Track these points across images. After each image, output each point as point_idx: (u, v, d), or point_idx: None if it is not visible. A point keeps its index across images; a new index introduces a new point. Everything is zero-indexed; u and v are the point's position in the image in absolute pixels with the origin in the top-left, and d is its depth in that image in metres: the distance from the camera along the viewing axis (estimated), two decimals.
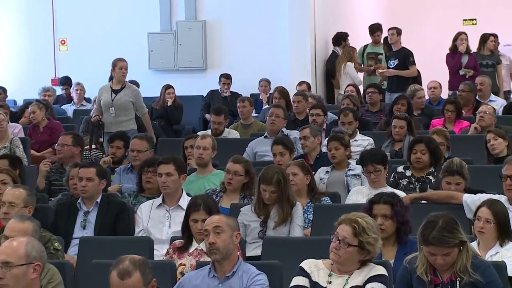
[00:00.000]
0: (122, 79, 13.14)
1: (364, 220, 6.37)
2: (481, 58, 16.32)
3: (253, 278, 6.56)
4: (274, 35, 18.24)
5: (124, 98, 12.98)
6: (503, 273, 6.49)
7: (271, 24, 18.28)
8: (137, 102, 13.10)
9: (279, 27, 18.20)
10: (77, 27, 19.27)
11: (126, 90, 13.09)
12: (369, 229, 6.32)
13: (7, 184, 8.56)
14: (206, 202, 7.61)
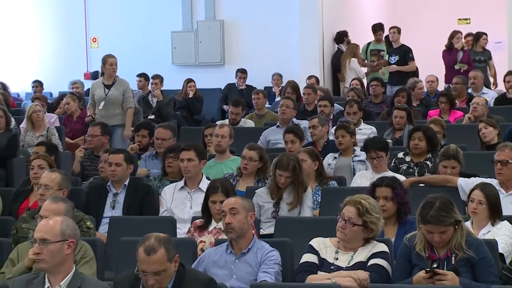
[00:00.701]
0: (112, 75, 12.87)
1: (367, 202, 6.41)
2: (474, 54, 16.41)
3: (267, 254, 6.58)
4: (285, 33, 18.29)
5: (116, 92, 12.78)
6: (494, 250, 6.47)
7: (283, 23, 18.32)
8: (125, 94, 12.84)
9: (290, 26, 18.24)
10: (107, 26, 19.33)
11: (117, 85, 12.85)
12: (371, 209, 6.36)
13: (44, 169, 8.57)
14: (224, 185, 7.62)
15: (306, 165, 8.74)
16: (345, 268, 6.30)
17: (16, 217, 8.22)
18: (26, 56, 19.66)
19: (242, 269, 6.56)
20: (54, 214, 6.47)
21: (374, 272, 6.22)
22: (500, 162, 7.98)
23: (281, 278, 6.52)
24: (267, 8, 18.43)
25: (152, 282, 5.57)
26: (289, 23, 18.27)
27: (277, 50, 18.22)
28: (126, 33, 19.00)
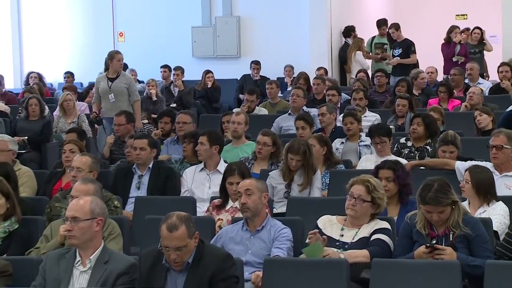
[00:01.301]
0: (119, 70, 12.36)
1: (373, 180, 6.52)
2: (469, 47, 16.39)
3: (279, 231, 6.60)
4: (296, 28, 18.31)
5: (120, 84, 12.17)
6: (489, 228, 6.46)
7: (294, 19, 18.36)
8: (130, 88, 12.28)
9: (301, 22, 18.26)
10: (133, 21, 19.38)
11: (121, 78, 12.29)
12: (378, 186, 6.47)
13: (75, 153, 8.59)
14: (240, 168, 7.63)
15: (315, 150, 8.74)
16: (349, 244, 6.32)
17: (50, 196, 8.25)
18: (59, 50, 19.72)
19: (256, 245, 6.58)
20: (84, 194, 6.50)
21: (376, 245, 6.25)
22: (495, 147, 7.95)
23: (292, 253, 6.54)
24: (279, 4, 18.49)
25: (174, 257, 5.58)
26: (300, 19, 18.31)
27: (288, 43, 18.26)
28: (150, 28, 19.06)
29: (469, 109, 11.81)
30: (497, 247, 6.29)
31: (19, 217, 7.11)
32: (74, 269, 5.82)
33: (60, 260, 5.86)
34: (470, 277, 5.93)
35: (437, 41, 16.97)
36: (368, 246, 6.27)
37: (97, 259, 5.82)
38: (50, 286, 5.67)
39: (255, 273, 6.29)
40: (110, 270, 5.75)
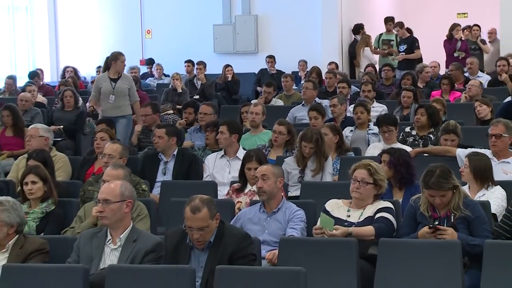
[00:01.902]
0: (121, 70, 11.60)
1: (374, 164, 6.54)
2: (470, 43, 16.36)
3: (294, 213, 6.62)
4: (310, 26, 18.30)
5: (123, 85, 11.38)
6: (488, 210, 6.47)
7: (307, 17, 18.35)
8: (131, 89, 11.49)
9: (314, 20, 18.26)
10: (159, 20, 19.40)
11: (123, 79, 11.48)
12: (379, 169, 6.51)
13: (105, 141, 8.61)
14: (257, 155, 7.65)
15: (328, 138, 8.74)
16: (356, 223, 6.33)
17: (83, 181, 8.28)
18: (92, 46, 19.75)
19: (272, 225, 6.60)
20: (115, 178, 6.52)
21: (381, 222, 6.27)
22: (494, 135, 7.93)
23: (305, 233, 6.54)
24: (294, 4, 18.48)
25: (197, 236, 5.60)
26: (312, 17, 18.31)
27: (302, 40, 18.24)
28: (175, 26, 19.07)
29: (468, 100, 11.81)
30: (495, 228, 6.28)
31: (55, 199, 7.15)
32: (105, 247, 5.86)
33: (93, 238, 5.90)
34: (470, 255, 5.92)
35: (440, 38, 16.92)
36: (373, 223, 6.28)
37: (126, 238, 5.86)
38: (83, 263, 5.70)
39: (270, 252, 6.31)
40: (138, 248, 5.78)
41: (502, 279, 5.57)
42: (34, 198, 7.07)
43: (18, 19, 19.24)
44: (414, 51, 16.48)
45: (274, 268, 5.81)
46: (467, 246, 5.88)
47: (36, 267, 5.72)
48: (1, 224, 6.02)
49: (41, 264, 5.87)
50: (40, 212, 7.03)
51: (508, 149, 8.00)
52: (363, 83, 12.64)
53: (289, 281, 5.01)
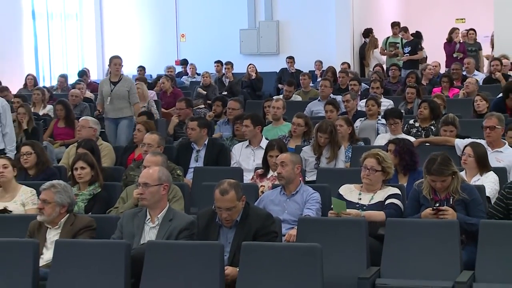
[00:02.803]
0: (117, 73, 10.85)
1: (382, 153, 6.53)
2: (468, 46, 16.29)
3: (310, 195, 6.61)
4: (325, 30, 18.36)
5: (122, 88, 10.69)
6: (483, 193, 6.44)
7: (323, 22, 18.41)
8: (131, 91, 10.78)
9: (328, 25, 18.32)
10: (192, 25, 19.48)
11: (123, 82, 10.80)
12: (386, 158, 6.48)
13: (142, 132, 8.65)
14: (278, 144, 7.64)
15: (342, 129, 8.75)
16: (367, 205, 6.32)
17: (125, 166, 8.31)
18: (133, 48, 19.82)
19: (292, 206, 6.59)
20: (153, 164, 6.53)
21: (391, 209, 6.24)
22: (488, 127, 7.89)
23: (320, 213, 6.54)
24: (311, 11, 18.52)
25: (225, 216, 5.60)
26: (327, 22, 18.36)
27: (318, 42, 18.26)
28: (206, 30, 19.12)
29: (466, 96, 11.80)
30: (489, 209, 6.24)
31: (101, 183, 7.18)
32: (145, 225, 5.87)
33: (134, 218, 5.91)
34: (467, 233, 5.89)
35: (440, 41, 16.85)
36: (384, 208, 6.25)
37: (163, 217, 5.86)
38: (126, 239, 5.71)
39: (288, 233, 6.30)
40: (174, 226, 5.78)
41: (495, 255, 5.54)
42: (82, 182, 7.10)
43: (69, 25, 19.35)
44: (417, 53, 16.47)
45: (293, 244, 5.80)
46: (464, 225, 5.85)
47: (84, 242, 5.76)
48: (54, 204, 6.05)
49: (88, 239, 5.90)
50: (88, 194, 7.06)
51: (500, 139, 7.97)
52: (372, 80, 12.63)
53: (306, 256, 5.00)
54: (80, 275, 5.36)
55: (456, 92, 12.57)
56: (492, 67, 13.70)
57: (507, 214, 6.10)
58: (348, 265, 5.58)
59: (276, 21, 19.00)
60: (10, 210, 6.76)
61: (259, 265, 5.08)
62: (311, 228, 5.90)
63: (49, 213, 6.03)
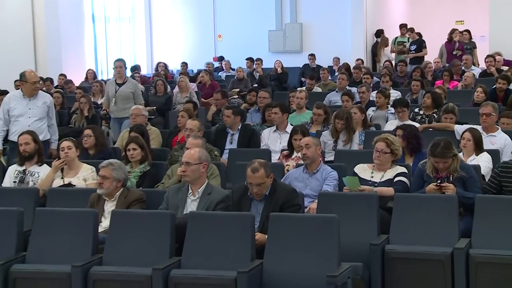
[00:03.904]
0: (119, 75, 10.11)
1: (391, 137, 6.50)
2: (465, 44, 16.16)
3: (329, 173, 6.58)
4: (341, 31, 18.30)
5: (126, 90, 9.99)
6: (478, 172, 6.40)
7: (340, 24, 18.35)
8: (135, 93, 10.06)
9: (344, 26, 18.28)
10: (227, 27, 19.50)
11: (128, 84, 10.08)
12: (394, 141, 6.45)
13: (185, 118, 8.66)
14: (301, 129, 7.61)
15: (357, 116, 8.68)
16: (378, 183, 6.29)
17: (170, 148, 8.33)
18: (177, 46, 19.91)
19: (313, 182, 6.56)
20: (194, 146, 6.54)
21: (399, 185, 6.22)
22: (485, 114, 7.85)
23: (337, 188, 6.50)
24: (329, 14, 18.47)
25: (255, 190, 5.60)
26: (344, 24, 18.30)
27: (336, 41, 18.20)
28: (239, 31, 19.11)
29: (464, 88, 11.78)
30: (484, 185, 6.19)
31: (150, 162, 7.21)
32: (187, 198, 5.88)
33: (178, 192, 5.93)
34: (465, 206, 5.84)
35: (442, 40, 16.69)
36: (393, 185, 6.23)
37: (203, 191, 5.87)
38: (171, 210, 5.73)
39: (309, 206, 6.28)
40: (212, 199, 5.80)
41: (489, 225, 5.50)
42: (134, 161, 7.13)
43: (123, 27, 19.45)
44: (422, 50, 16.45)
45: (314, 215, 5.78)
46: (462, 199, 5.80)
47: (136, 212, 5.79)
48: (112, 179, 6.10)
49: (139, 210, 5.93)
50: (139, 171, 7.09)
51: (494, 125, 7.90)
52: (382, 75, 12.55)
53: (325, 226, 4.99)
54: (133, 241, 5.39)
55: (456, 84, 12.53)
56: (487, 63, 13.61)
57: (499, 190, 6.06)
58: (361, 233, 5.55)
59: (299, 23, 18.95)
60: (74, 185, 6.83)
61: (285, 232, 5.08)
62: (329, 201, 5.89)
63: (107, 187, 6.08)
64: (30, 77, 8.08)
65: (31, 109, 8.08)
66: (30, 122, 8.01)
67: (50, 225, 5.57)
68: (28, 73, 8.13)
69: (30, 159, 7.09)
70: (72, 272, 5.16)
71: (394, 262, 5.36)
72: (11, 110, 8.07)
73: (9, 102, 8.12)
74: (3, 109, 8.11)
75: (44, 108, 8.15)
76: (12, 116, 8.07)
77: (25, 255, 5.49)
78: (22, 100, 8.09)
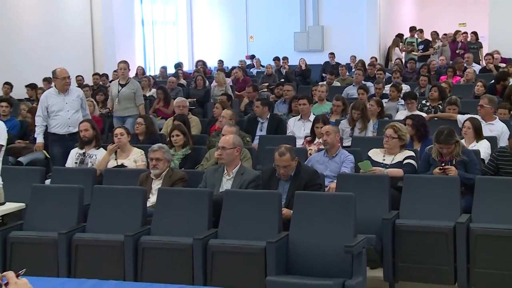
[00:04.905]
0: (122, 77, 9.37)
1: (398, 124, 6.50)
2: (470, 44, 15.98)
3: (346, 157, 6.54)
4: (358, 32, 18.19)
5: (128, 91, 9.22)
6: (478, 156, 6.34)
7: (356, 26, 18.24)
8: (137, 93, 9.30)
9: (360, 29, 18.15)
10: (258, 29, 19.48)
11: (130, 85, 9.29)
12: (401, 128, 6.41)
13: (219, 109, 8.68)
14: (322, 118, 7.57)
15: (373, 108, 8.61)
16: (389, 164, 6.25)
17: (209, 134, 8.34)
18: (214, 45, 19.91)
19: (332, 165, 6.52)
20: (229, 133, 6.55)
21: (408, 167, 6.18)
22: (479, 105, 7.81)
23: (354, 170, 6.46)
24: (347, 18, 18.35)
25: (282, 171, 5.59)
26: (360, 27, 18.19)
27: (353, 41, 18.10)
28: (268, 33, 19.10)
29: (466, 82, 11.63)
30: (483, 168, 6.13)
31: (191, 146, 7.23)
32: (223, 178, 5.89)
33: (215, 172, 5.94)
34: (466, 186, 5.78)
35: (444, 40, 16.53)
36: (403, 167, 6.18)
37: (236, 172, 5.88)
38: (208, 188, 5.75)
39: (329, 185, 6.25)
40: (244, 179, 5.80)
41: (487, 202, 5.44)
42: (177, 145, 7.16)
43: (168, 29, 19.51)
44: (429, 50, 16.28)
45: (333, 193, 5.76)
46: (464, 179, 5.75)
47: (179, 189, 5.80)
48: (164, 160, 6.15)
49: (182, 188, 5.95)
50: (181, 155, 7.12)
51: (492, 114, 7.80)
52: (393, 71, 12.49)
53: (343, 203, 4.97)
54: (176, 214, 5.42)
55: (458, 79, 12.41)
56: (486, 61, 13.47)
57: (496, 172, 6.01)
58: (375, 209, 5.52)
59: (321, 26, 18.84)
60: (126, 166, 6.88)
61: (308, 208, 5.06)
62: (346, 181, 5.86)
63: (161, 167, 6.12)
64: (61, 74, 7.94)
65: (68, 103, 7.95)
66: (69, 115, 7.92)
67: (106, 200, 5.62)
68: (58, 70, 7.99)
69: (89, 143, 7.16)
70: (124, 240, 5.21)
71: (403, 235, 5.34)
72: (50, 107, 7.92)
73: (46, 100, 7.94)
74: (42, 106, 7.94)
75: (78, 101, 8.03)
76: (51, 112, 7.91)
77: (85, 226, 5.56)
78: (58, 96, 7.95)
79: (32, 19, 14.22)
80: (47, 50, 14.28)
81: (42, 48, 14.22)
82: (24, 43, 13.86)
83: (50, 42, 14.52)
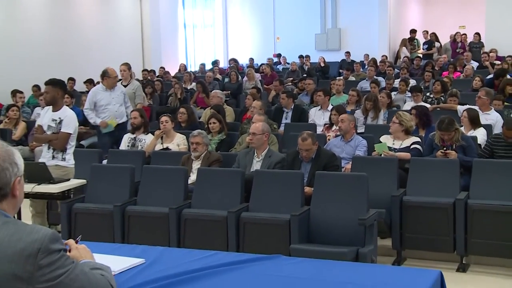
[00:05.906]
0: (123, 78, 8.82)
1: (401, 112, 6.46)
2: (473, 44, 15.70)
3: (360, 141, 6.51)
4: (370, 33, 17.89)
5: (129, 91, 8.57)
6: (475, 141, 6.26)
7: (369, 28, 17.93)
8: (137, 93, 8.85)
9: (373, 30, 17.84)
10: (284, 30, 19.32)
11: (131, 85, 8.79)
12: (404, 115, 6.35)
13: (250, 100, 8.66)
14: (339, 108, 7.54)
15: (383, 100, 8.51)
16: (398, 148, 6.19)
17: (241, 121, 8.33)
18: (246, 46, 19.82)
19: (348, 149, 6.49)
20: (258, 121, 6.53)
21: (414, 151, 6.11)
22: (476, 96, 7.71)
23: (367, 153, 6.42)
24: (361, 21, 18.04)
25: (304, 154, 5.58)
26: (372, 29, 17.87)
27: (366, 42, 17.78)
28: (293, 34, 18.92)
29: (465, 77, 11.42)
30: (479, 152, 6.04)
31: (226, 132, 7.24)
32: (253, 159, 5.90)
33: (246, 155, 5.95)
34: (464, 167, 5.70)
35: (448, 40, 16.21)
36: (410, 151, 6.12)
37: (265, 154, 5.88)
38: (241, 168, 5.76)
39: (345, 167, 6.22)
40: (271, 160, 5.80)
41: (483, 181, 5.38)
42: (214, 131, 7.18)
43: (206, 31, 19.48)
44: (432, 49, 16.03)
45: (349, 173, 5.72)
46: (462, 162, 5.68)
47: (216, 169, 5.81)
48: (203, 144, 6.17)
49: (218, 168, 5.97)
50: (217, 139, 7.14)
51: (488, 105, 7.64)
52: (401, 67, 12.36)
53: (357, 182, 4.93)
54: (213, 191, 5.45)
55: (458, 75, 12.21)
56: (483, 58, 13.21)
57: (491, 155, 5.93)
58: (385, 187, 5.48)
59: (338, 28, 18.62)
60: (170, 149, 6.93)
61: (327, 186, 5.05)
62: (360, 163, 5.82)
63: (200, 150, 6.15)
64: (112, 73, 7.97)
65: (114, 98, 7.98)
66: (116, 108, 7.97)
67: (153, 178, 5.67)
68: (110, 70, 8.00)
69: (138, 129, 7.21)
70: (169, 212, 5.27)
71: (409, 209, 5.31)
72: (98, 101, 7.94)
73: (94, 96, 7.96)
74: (90, 101, 7.95)
75: (121, 96, 8.08)
76: (100, 106, 7.92)
77: (136, 199, 5.63)
78: (105, 92, 7.97)
79: (91, 21, 14.36)
80: (103, 50, 14.41)
81: (99, 47, 14.36)
82: (85, 43, 14.01)
83: (105, 42, 14.65)
